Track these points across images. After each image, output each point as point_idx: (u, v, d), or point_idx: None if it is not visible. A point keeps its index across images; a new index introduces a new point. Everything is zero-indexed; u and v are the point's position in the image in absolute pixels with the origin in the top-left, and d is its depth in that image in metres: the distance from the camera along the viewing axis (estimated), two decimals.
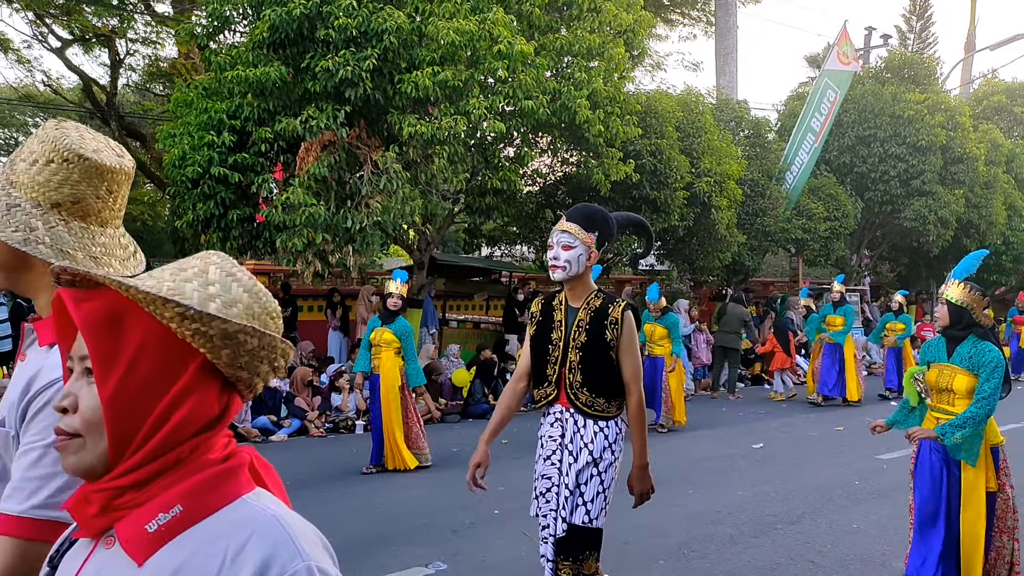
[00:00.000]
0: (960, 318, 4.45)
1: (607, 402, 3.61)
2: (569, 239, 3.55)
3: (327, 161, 10.15)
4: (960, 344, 4.46)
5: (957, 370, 4.41)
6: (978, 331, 4.43)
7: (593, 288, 3.66)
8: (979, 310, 4.45)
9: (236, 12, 11.12)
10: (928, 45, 35.85)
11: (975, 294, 4.45)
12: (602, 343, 3.54)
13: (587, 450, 3.59)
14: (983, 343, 4.39)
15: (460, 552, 5.54)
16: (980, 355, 4.34)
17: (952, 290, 4.49)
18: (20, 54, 20.25)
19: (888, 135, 20.00)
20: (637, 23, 13.26)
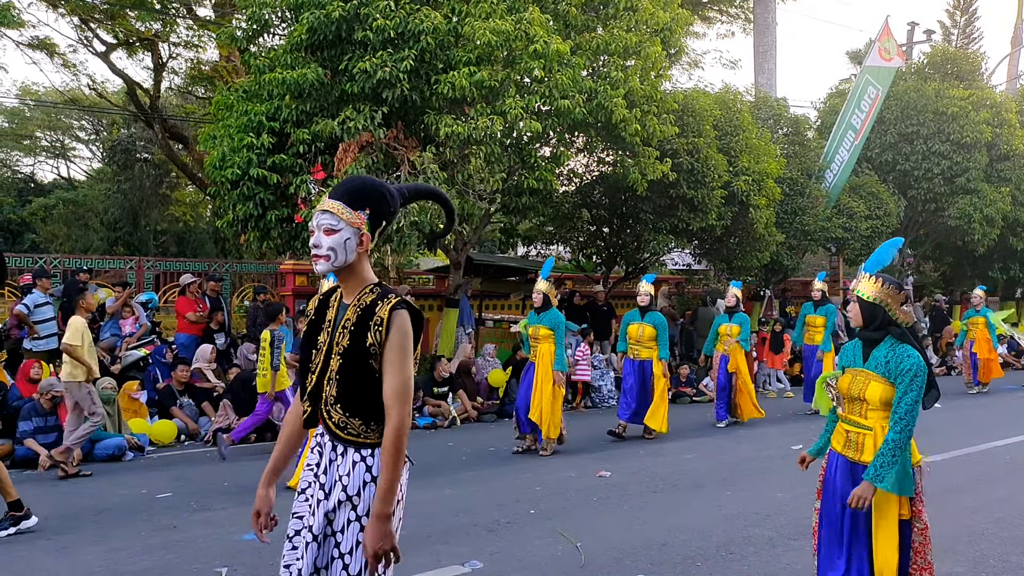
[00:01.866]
0: (874, 317, 3.94)
1: (365, 425, 2.85)
2: (331, 221, 2.88)
3: (364, 162, 10.23)
4: (876, 347, 3.94)
5: (872, 376, 3.89)
6: (895, 331, 3.91)
7: (370, 281, 2.97)
8: (895, 306, 3.93)
9: (275, 15, 11.27)
10: (973, 40, 35.11)
11: (889, 289, 3.94)
12: (363, 350, 2.83)
13: (340, 485, 2.86)
14: (902, 346, 3.87)
15: (497, 551, 5.54)
16: (898, 361, 3.82)
17: (863, 285, 3.99)
18: (66, 58, 20.74)
19: (932, 132, 19.62)
20: (674, 21, 13.17)
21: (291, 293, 14.30)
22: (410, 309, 2.87)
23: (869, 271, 4.01)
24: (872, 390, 3.87)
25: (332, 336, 2.91)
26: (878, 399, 3.86)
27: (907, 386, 3.77)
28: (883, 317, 3.92)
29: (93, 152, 29.56)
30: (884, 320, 3.92)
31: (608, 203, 15.49)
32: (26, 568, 5.29)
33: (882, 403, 3.85)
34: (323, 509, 2.88)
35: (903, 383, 3.77)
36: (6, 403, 9.18)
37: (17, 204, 25.11)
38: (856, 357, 4.02)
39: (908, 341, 3.88)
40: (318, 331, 2.99)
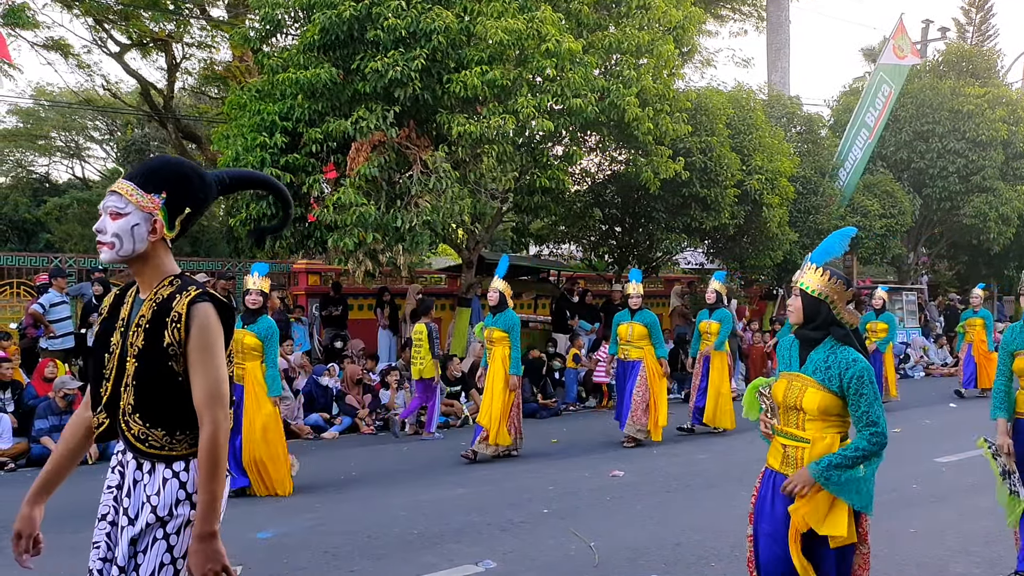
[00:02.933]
0: (816, 313, 3.42)
1: (170, 436, 2.51)
2: (118, 204, 2.52)
3: (377, 161, 10.25)
4: (815, 348, 3.44)
5: (809, 382, 3.37)
6: (838, 332, 3.40)
7: (170, 272, 2.61)
8: (841, 304, 3.45)
9: (288, 15, 11.30)
10: (988, 38, 34.86)
11: (837, 283, 3.43)
12: (160, 350, 2.49)
13: (149, 506, 2.49)
14: (844, 348, 3.36)
15: (510, 550, 5.54)
16: (840, 365, 3.31)
17: (808, 277, 3.46)
18: (80, 59, 20.86)
19: (947, 130, 19.51)
20: (687, 19, 13.13)
21: (304, 292, 14.34)
22: (215, 301, 2.53)
23: (816, 262, 3.49)
24: (810, 398, 3.35)
25: (125, 336, 2.56)
26: (816, 408, 3.34)
27: (867, 393, 3.27)
28: (827, 315, 3.42)
29: (107, 152, 29.72)
30: (827, 318, 3.43)
31: (620, 202, 15.47)
32: (42, 564, 5.29)
33: (821, 412, 3.34)
34: (127, 536, 2.50)
35: (855, 390, 3.28)
36: (22, 402, 9.24)
37: (32, 204, 25.27)
38: (792, 360, 3.52)
39: (851, 343, 3.39)
40: (111, 331, 2.61)
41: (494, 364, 8.64)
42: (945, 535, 5.98)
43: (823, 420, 3.36)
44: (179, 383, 2.51)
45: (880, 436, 3.25)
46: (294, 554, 5.43)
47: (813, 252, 3.57)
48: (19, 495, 6.16)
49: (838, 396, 3.33)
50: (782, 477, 3.42)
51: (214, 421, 2.45)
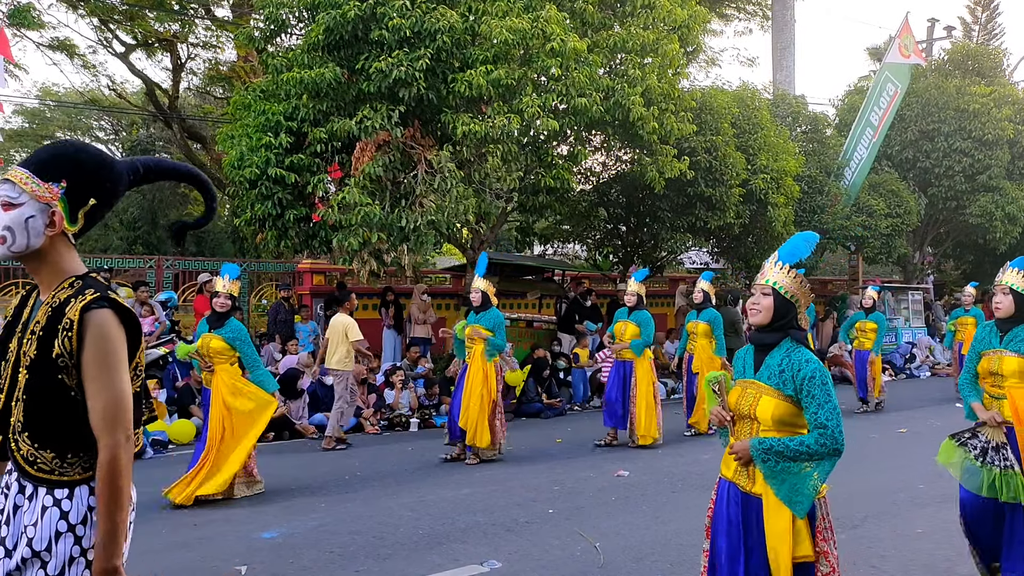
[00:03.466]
0: (784, 314, 3.22)
1: (60, 459, 2.22)
2: (11, 193, 2.24)
3: (382, 161, 10.24)
4: (771, 352, 3.22)
5: (763, 389, 3.16)
6: (796, 335, 3.23)
7: (72, 273, 2.31)
8: (803, 307, 3.29)
9: (292, 15, 11.31)
10: (994, 36, 34.74)
11: (805, 285, 3.29)
12: (50, 361, 2.20)
13: (26, 538, 2.20)
14: (800, 351, 3.17)
15: (515, 551, 5.53)
16: (793, 367, 3.11)
17: (779, 276, 3.26)
18: (86, 59, 20.93)
19: (952, 129, 19.45)
20: (691, 18, 13.11)
21: (309, 292, 14.36)
22: (116, 308, 2.23)
23: (786, 262, 3.29)
24: (764, 406, 3.14)
25: (20, 343, 2.26)
26: (770, 417, 3.11)
27: (819, 394, 3.05)
28: (792, 317, 3.24)
29: (113, 152, 29.81)
30: (791, 321, 3.25)
31: (625, 201, 15.45)
32: None
33: (776, 422, 3.11)
34: (4, 569, 2.22)
35: (807, 391, 3.06)
36: None
37: None
38: (747, 367, 3.30)
39: (807, 345, 3.23)
40: (10, 337, 2.32)
41: (474, 363, 8.43)
42: (952, 536, 5.94)
43: (778, 430, 3.12)
44: (72, 399, 2.22)
45: (829, 439, 3.00)
46: (299, 554, 5.43)
47: (780, 250, 3.34)
48: None
49: (793, 402, 3.12)
50: (735, 487, 3.22)
51: (113, 444, 2.16)
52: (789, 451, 3.04)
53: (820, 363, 3.13)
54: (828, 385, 3.07)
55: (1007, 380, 4.49)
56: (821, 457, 3.05)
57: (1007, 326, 4.54)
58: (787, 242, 3.40)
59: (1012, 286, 4.50)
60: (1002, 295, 4.54)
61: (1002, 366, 4.49)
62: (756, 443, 3.09)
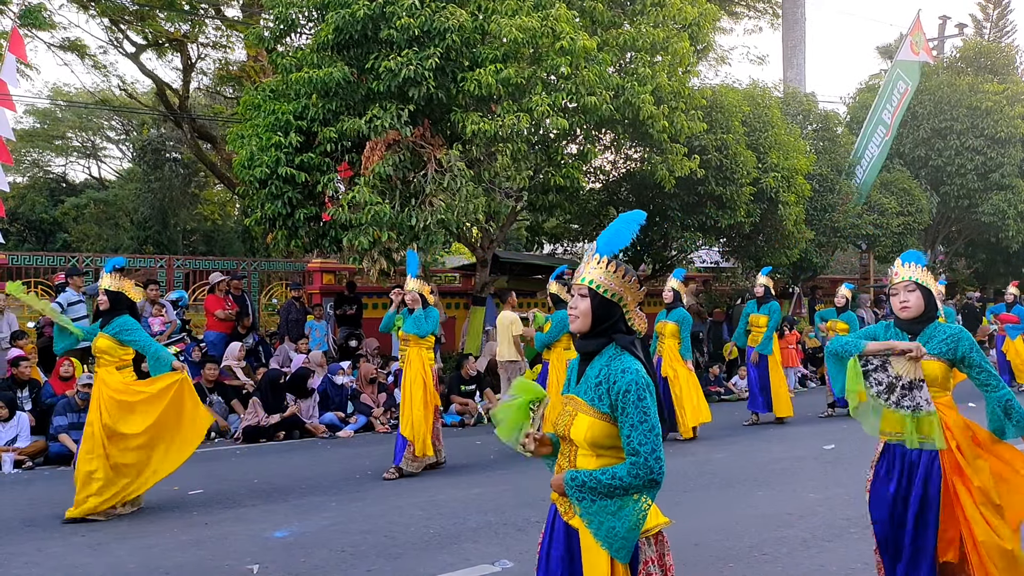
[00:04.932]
0: (606, 316, 2.72)
1: None
2: None
3: (391, 160, 10.24)
4: (592, 362, 2.74)
5: (580, 406, 2.68)
6: (623, 340, 2.71)
7: None
8: (633, 305, 2.79)
9: (302, 15, 11.31)
10: (1006, 34, 34.51)
11: (631, 280, 2.77)
12: None
13: None
14: (621, 359, 2.66)
15: (526, 550, 5.51)
16: (611, 380, 2.61)
17: (598, 273, 2.75)
18: (96, 59, 21.00)
19: (965, 127, 19.34)
20: (702, 16, 13.06)
21: (319, 291, 14.38)
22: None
23: (603, 253, 2.78)
24: (578, 426, 2.66)
25: None
26: (583, 438, 2.64)
27: (632, 413, 2.54)
28: (616, 319, 2.74)
29: (123, 152, 29.93)
30: (615, 324, 2.74)
31: (635, 200, 15.40)
32: (60, 564, 5.34)
33: (591, 445, 2.64)
34: None
35: (620, 408, 2.57)
36: (40, 400, 9.30)
37: (49, 204, 25.48)
38: (571, 378, 2.84)
39: (635, 353, 2.70)
40: None
41: (411, 368, 7.85)
42: None
43: (596, 455, 2.65)
44: None
45: (643, 469, 2.51)
46: (311, 553, 5.43)
47: (598, 240, 2.82)
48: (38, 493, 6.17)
49: (612, 420, 2.62)
50: (562, 522, 2.75)
51: None
52: (602, 487, 2.55)
53: (641, 373, 2.60)
54: (646, 401, 2.55)
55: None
56: (638, 490, 2.55)
57: (917, 327, 3.88)
58: (606, 229, 2.85)
59: (917, 280, 3.87)
60: (906, 292, 3.87)
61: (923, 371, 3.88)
62: (569, 478, 2.64)
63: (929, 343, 3.83)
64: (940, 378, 3.84)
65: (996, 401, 3.79)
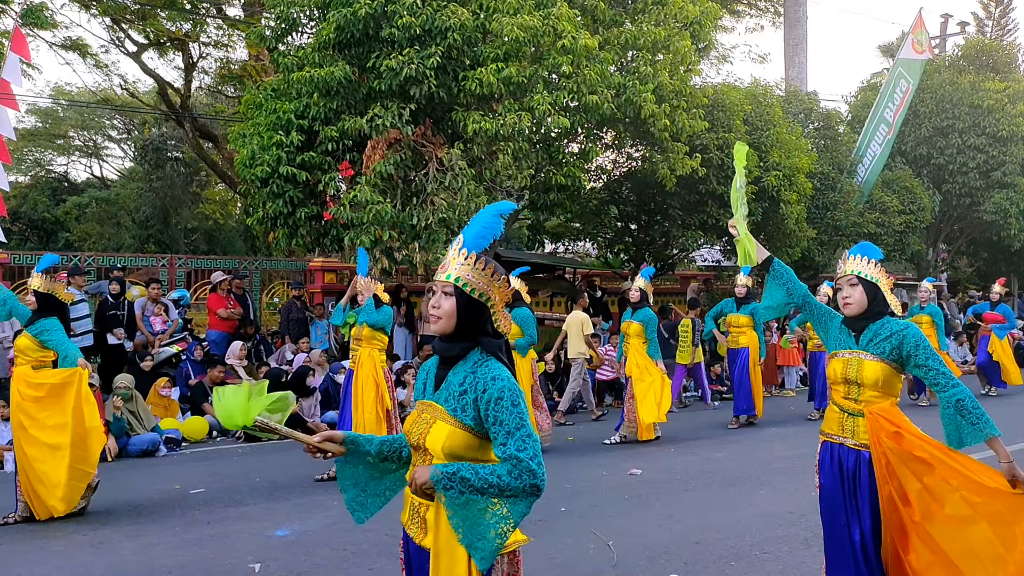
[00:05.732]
0: (472, 316, 2.53)
1: None
2: None
3: (393, 159, 10.24)
4: (455, 367, 2.55)
5: (439, 414, 2.49)
6: (490, 344, 2.54)
7: None
8: (500, 305, 2.59)
9: (303, 14, 11.31)
10: (1008, 32, 34.48)
11: (495, 277, 2.57)
12: None
13: None
14: (488, 365, 2.48)
15: (527, 549, 5.48)
16: (478, 387, 2.44)
17: (463, 269, 2.53)
18: (98, 59, 21.01)
19: (967, 125, 19.32)
20: (703, 15, 13.05)
21: (320, 290, 14.38)
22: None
23: (472, 249, 2.56)
24: (436, 435, 2.47)
25: None
26: (441, 448, 2.45)
27: (508, 420, 2.38)
28: (483, 320, 2.55)
29: (125, 151, 29.95)
30: (481, 325, 2.54)
31: (636, 199, 15.41)
32: (63, 563, 5.35)
33: (449, 455, 2.44)
34: None
35: (493, 417, 2.40)
36: None
37: (51, 203, 25.50)
38: (428, 383, 2.64)
39: (500, 358, 2.53)
40: None
41: (362, 370, 7.51)
42: None
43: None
44: None
45: (526, 473, 2.34)
46: (312, 552, 5.44)
47: (464, 234, 2.59)
48: None
49: (474, 432, 2.45)
50: (415, 547, 2.58)
51: None
52: (478, 479, 2.36)
53: (512, 380, 2.45)
54: (521, 407, 2.40)
55: (865, 391, 3.63)
56: (515, 495, 2.37)
57: (860, 324, 3.70)
58: (473, 221, 2.64)
59: (861, 275, 3.68)
60: (849, 288, 3.68)
61: (862, 373, 3.61)
62: (439, 468, 2.42)
63: (872, 342, 3.63)
64: (881, 381, 3.59)
65: (946, 401, 3.51)
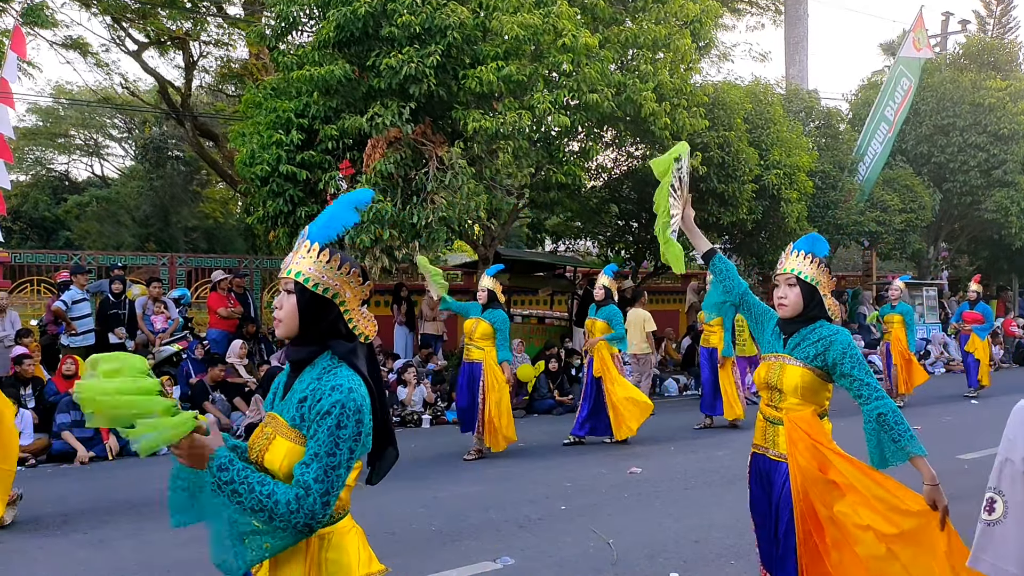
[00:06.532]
0: (318, 317, 2.28)
1: None
2: None
3: (393, 158, 10.24)
4: (300, 375, 2.29)
5: (280, 426, 2.24)
6: (340, 347, 2.27)
7: None
8: (355, 303, 2.32)
9: (303, 12, 11.31)
10: (1009, 30, 34.42)
11: (344, 271, 2.29)
12: None
13: None
14: (335, 374, 2.20)
15: (527, 547, 5.52)
16: (316, 398, 2.16)
17: (302, 261, 2.30)
18: (99, 58, 21.02)
19: (968, 123, 19.30)
20: (704, 13, 13.03)
21: None
22: None
23: (315, 240, 2.31)
24: (275, 451, 2.22)
25: None
26: (278, 466, 2.20)
27: (322, 438, 2.10)
28: (334, 320, 2.29)
29: (126, 150, 29.95)
30: (331, 326, 2.28)
31: (637, 197, 15.39)
32: (62, 561, 5.36)
33: (286, 476, 2.18)
34: None
35: (315, 432, 2.12)
36: (43, 398, 9.32)
37: (52, 202, 25.53)
38: (278, 392, 2.40)
39: (353, 363, 2.24)
40: None
41: None
42: (967, 533, 5.90)
43: None
44: None
45: (305, 509, 2.05)
46: None
47: (310, 226, 2.36)
48: (41, 490, 6.21)
49: None
50: None
51: None
52: (251, 499, 2.06)
53: (353, 394, 2.14)
54: (345, 431, 2.09)
55: (786, 398, 3.37)
56: (285, 528, 2.08)
57: (793, 327, 3.42)
58: (325, 212, 2.39)
59: (800, 275, 3.41)
60: (787, 287, 3.41)
61: (783, 378, 3.36)
62: (220, 456, 2.11)
63: (798, 346, 3.37)
64: (801, 388, 3.32)
65: (868, 415, 3.26)
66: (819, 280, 3.43)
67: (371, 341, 2.37)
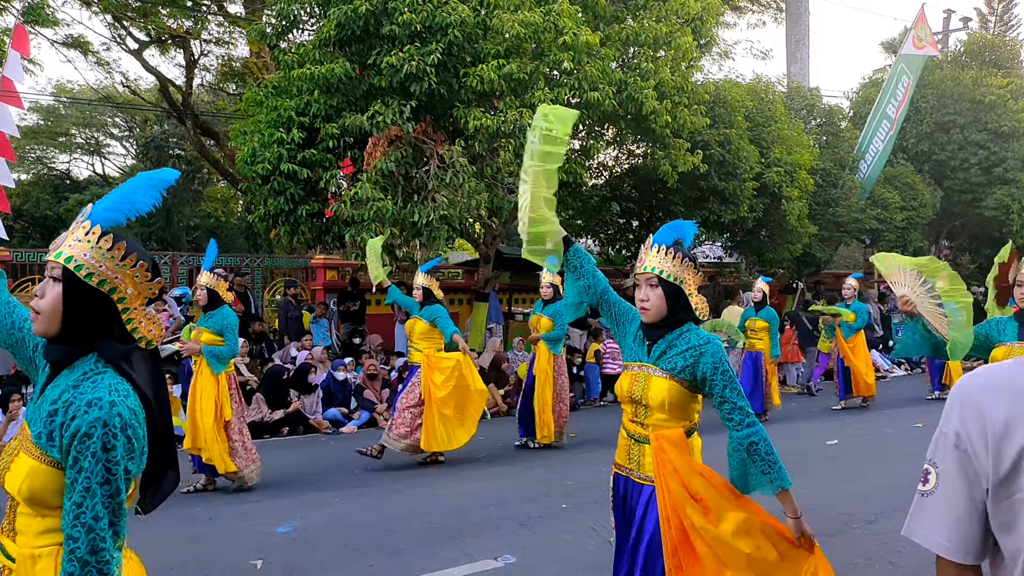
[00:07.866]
0: (82, 312, 1.94)
1: None
2: None
3: (394, 156, 10.25)
4: (55, 380, 1.96)
5: (26, 439, 1.92)
6: (110, 351, 1.93)
7: None
8: (138, 305, 1.99)
9: (304, 11, 11.31)
10: (1011, 28, 34.38)
11: (127, 261, 1.96)
12: None
13: None
14: (100, 378, 1.87)
15: (528, 545, 5.52)
16: (69, 416, 1.81)
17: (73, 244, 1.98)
18: (100, 56, 21.01)
19: (969, 121, 19.28)
20: (705, 11, 13.04)
21: (321, 287, 14.39)
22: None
23: (97, 222, 1.97)
24: (16, 470, 1.90)
25: None
26: (18, 491, 1.90)
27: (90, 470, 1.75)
28: (103, 317, 1.95)
29: (127, 149, 29.93)
30: (101, 326, 1.95)
31: (638, 196, 15.40)
32: None
33: (31, 501, 1.89)
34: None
35: (78, 464, 1.76)
36: None
37: (53, 201, 25.51)
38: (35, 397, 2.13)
39: (124, 370, 1.91)
40: None
41: (202, 377, 6.81)
42: None
43: (38, 515, 1.88)
44: None
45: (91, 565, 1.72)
46: (313, 548, 5.45)
47: (95, 206, 2.00)
48: None
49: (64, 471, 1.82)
50: None
51: None
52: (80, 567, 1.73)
53: (116, 409, 1.79)
54: (114, 451, 1.76)
55: (652, 414, 3.02)
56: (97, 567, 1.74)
57: (657, 332, 3.03)
58: (115, 190, 2.03)
59: (661, 274, 2.96)
60: (648, 288, 2.99)
61: (648, 391, 2.99)
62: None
63: (664, 355, 2.99)
64: (669, 403, 2.97)
65: (738, 442, 2.98)
66: (683, 278, 2.99)
67: (155, 347, 1.99)
